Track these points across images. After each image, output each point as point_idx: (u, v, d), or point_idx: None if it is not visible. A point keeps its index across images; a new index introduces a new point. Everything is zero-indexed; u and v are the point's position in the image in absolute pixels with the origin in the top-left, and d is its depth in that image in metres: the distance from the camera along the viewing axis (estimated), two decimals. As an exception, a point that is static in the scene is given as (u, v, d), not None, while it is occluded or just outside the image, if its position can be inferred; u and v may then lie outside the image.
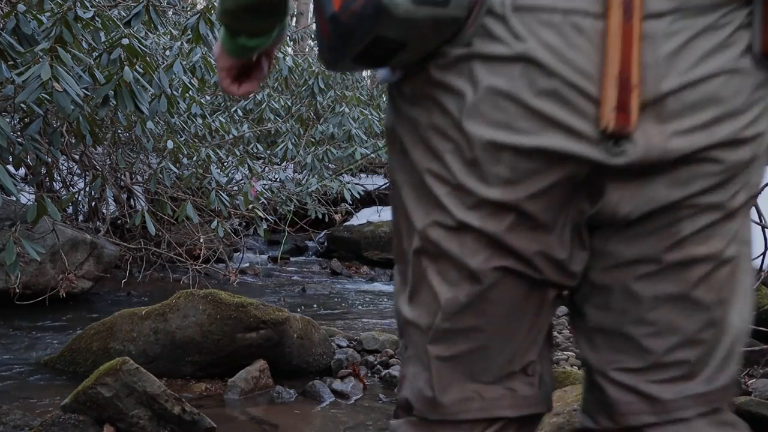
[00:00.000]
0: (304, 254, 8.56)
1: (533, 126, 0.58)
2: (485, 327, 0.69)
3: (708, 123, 0.61)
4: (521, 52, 0.58)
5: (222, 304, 2.69)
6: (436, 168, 0.64)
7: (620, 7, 0.56)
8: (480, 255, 0.64)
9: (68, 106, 2.37)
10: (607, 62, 0.57)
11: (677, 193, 0.63)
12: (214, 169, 4.42)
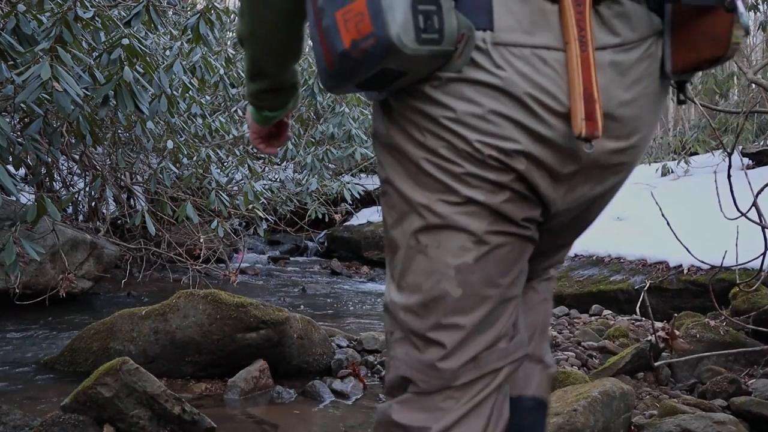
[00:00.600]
0: (304, 254, 8.56)
1: (512, 133, 0.74)
2: (490, 291, 0.81)
3: (629, 133, 0.80)
4: (501, 79, 0.73)
5: (222, 304, 2.69)
6: (435, 159, 0.77)
7: (576, 41, 0.72)
8: (484, 222, 0.78)
9: (68, 106, 2.37)
10: (572, 83, 0.73)
11: (598, 189, 0.85)
12: (214, 169, 4.42)
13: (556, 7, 0.74)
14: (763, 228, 2.26)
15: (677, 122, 15.46)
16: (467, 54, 0.74)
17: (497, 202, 0.77)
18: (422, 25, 0.70)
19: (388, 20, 0.69)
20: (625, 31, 0.77)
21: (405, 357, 0.84)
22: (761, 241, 2.31)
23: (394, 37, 0.69)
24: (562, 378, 2.30)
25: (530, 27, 0.74)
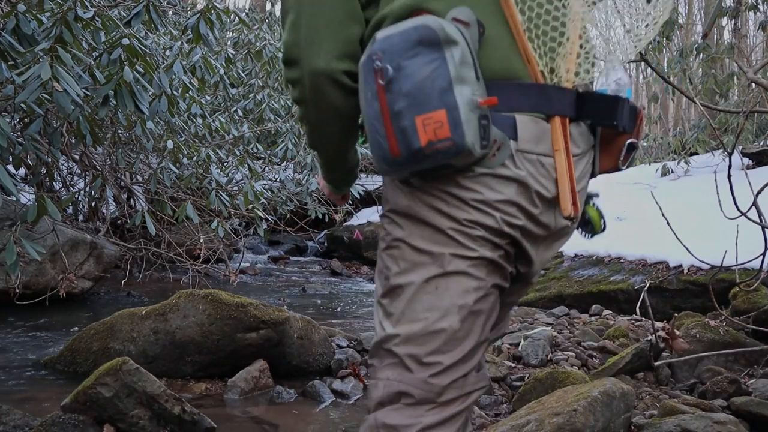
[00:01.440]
0: (304, 254, 8.56)
1: (519, 213, 1.00)
2: (478, 328, 1.03)
3: (577, 213, 1.04)
4: (519, 176, 0.98)
5: (222, 304, 2.69)
6: (458, 227, 0.99)
7: (564, 150, 1.00)
8: (485, 271, 1.01)
9: (68, 106, 2.37)
10: (563, 179, 1.00)
11: (554, 249, 1.14)
12: (214, 169, 4.42)
13: (549, 126, 1.01)
14: (763, 228, 2.26)
15: (677, 122, 15.47)
16: (502, 157, 0.96)
17: (496, 257, 1.01)
18: (482, 134, 0.92)
19: (465, 131, 0.89)
20: (581, 145, 1.07)
21: (399, 377, 1.01)
22: (761, 241, 2.31)
23: (469, 144, 0.90)
24: (562, 378, 2.30)
25: (537, 140, 0.99)
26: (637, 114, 1.08)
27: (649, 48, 6.56)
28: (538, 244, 1.07)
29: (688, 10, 18.09)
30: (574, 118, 1.04)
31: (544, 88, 1.00)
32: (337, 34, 0.99)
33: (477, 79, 0.92)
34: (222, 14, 3.29)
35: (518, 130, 0.97)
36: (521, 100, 0.99)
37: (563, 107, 1.02)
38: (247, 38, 6.21)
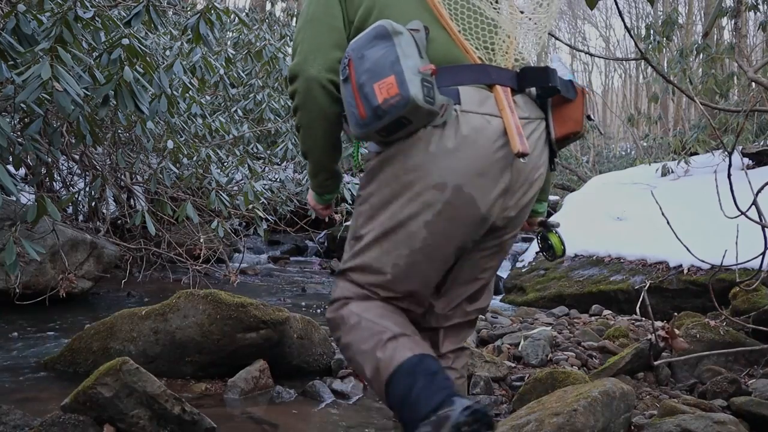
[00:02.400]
0: (304, 254, 8.56)
1: (475, 164, 1.28)
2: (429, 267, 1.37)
3: (536, 162, 1.37)
4: (463, 132, 1.26)
5: (222, 304, 2.68)
6: (405, 190, 1.31)
7: (511, 110, 1.29)
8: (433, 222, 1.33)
9: (68, 106, 2.37)
10: (510, 125, 1.27)
11: (525, 198, 1.39)
12: (214, 169, 4.42)
13: (492, 93, 1.32)
14: (763, 227, 2.26)
15: (677, 122, 15.46)
16: (448, 116, 1.26)
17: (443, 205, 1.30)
18: (426, 93, 1.20)
19: (409, 87, 1.18)
20: (527, 111, 1.36)
21: (349, 286, 1.42)
22: (761, 241, 2.31)
23: (413, 96, 1.18)
24: (562, 378, 2.30)
25: (479, 103, 1.30)
26: (575, 88, 1.41)
27: (650, 47, 6.56)
28: (498, 195, 1.32)
29: (688, 10, 18.08)
30: (516, 89, 1.35)
31: (483, 67, 1.33)
32: (326, 55, 1.36)
33: (421, 57, 1.23)
34: (222, 14, 3.29)
35: (461, 97, 1.28)
36: (463, 75, 1.31)
37: (503, 80, 1.33)
38: (247, 38, 6.21)
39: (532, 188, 1.37)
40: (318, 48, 1.37)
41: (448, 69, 1.29)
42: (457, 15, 1.36)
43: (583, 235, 5.63)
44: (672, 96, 7.91)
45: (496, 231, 1.39)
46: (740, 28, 8.07)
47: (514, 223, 1.40)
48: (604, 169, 16.18)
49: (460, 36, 1.34)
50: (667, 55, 12.56)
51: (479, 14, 1.36)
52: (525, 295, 5.29)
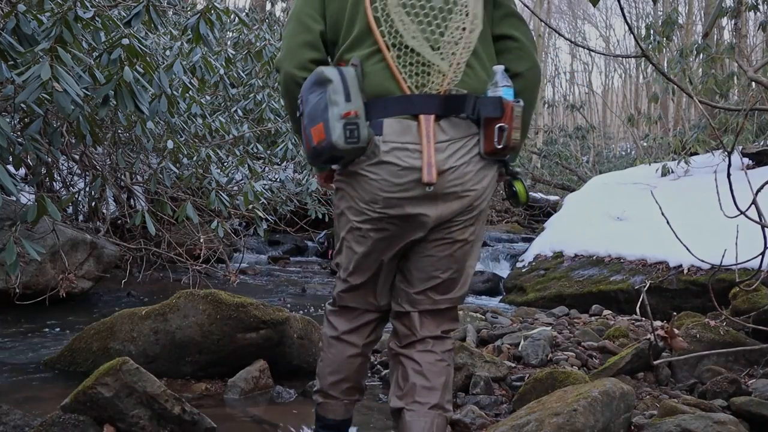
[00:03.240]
0: (304, 254, 8.56)
1: (395, 188, 1.53)
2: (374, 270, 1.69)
3: (458, 180, 1.54)
4: (386, 159, 1.51)
5: (222, 304, 2.68)
6: (354, 204, 1.61)
7: (428, 139, 1.48)
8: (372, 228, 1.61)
9: (68, 106, 2.37)
10: (424, 157, 1.48)
11: (448, 210, 1.58)
12: (214, 169, 4.42)
13: (415, 123, 1.51)
14: (763, 227, 2.26)
15: (677, 122, 15.46)
16: (371, 149, 1.51)
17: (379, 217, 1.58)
18: (348, 135, 1.46)
19: (333, 134, 1.46)
20: (450, 133, 1.53)
21: (335, 289, 1.78)
22: (761, 241, 2.31)
23: (334, 141, 1.46)
24: (562, 378, 2.30)
25: (400, 134, 1.51)
26: (503, 105, 1.52)
27: (650, 47, 6.56)
28: (422, 204, 1.54)
29: (688, 10, 18.08)
30: (441, 114, 1.52)
31: (409, 98, 1.52)
32: (298, 56, 1.60)
33: (347, 101, 1.47)
34: (222, 14, 3.29)
35: (384, 129, 1.51)
36: (391, 108, 1.52)
37: (427, 108, 1.51)
38: (247, 38, 6.21)
39: (463, 197, 1.56)
40: (292, 47, 1.61)
41: (379, 102, 1.52)
42: (394, 44, 1.53)
43: (583, 235, 5.63)
44: (672, 96, 7.91)
45: (435, 229, 1.60)
46: (740, 28, 8.07)
47: (449, 225, 1.60)
48: (604, 169, 16.18)
49: (394, 66, 1.52)
50: (667, 55, 12.56)
51: (415, 43, 1.52)
52: (525, 295, 5.29)
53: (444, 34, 1.53)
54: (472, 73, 1.55)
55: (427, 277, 1.66)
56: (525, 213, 12.81)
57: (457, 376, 2.61)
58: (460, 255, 1.64)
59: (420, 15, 1.52)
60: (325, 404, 1.79)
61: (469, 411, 2.29)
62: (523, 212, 12.83)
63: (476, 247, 1.68)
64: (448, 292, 1.68)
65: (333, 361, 1.75)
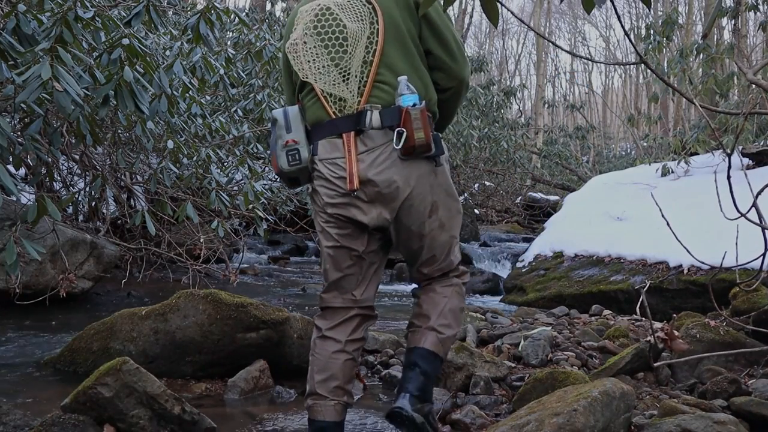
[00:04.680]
0: (304, 254, 8.56)
1: (330, 193, 1.86)
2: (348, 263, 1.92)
3: (385, 184, 1.80)
4: (323, 173, 1.85)
5: (222, 304, 2.68)
6: (318, 211, 1.93)
7: (347, 152, 1.81)
8: (334, 230, 1.90)
9: (68, 106, 2.37)
10: (348, 169, 1.80)
11: (387, 211, 1.84)
12: (214, 169, 4.42)
13: (341, 140, 1.83)
14: (763, 229, 2.26)
15: (677, 122, 15.46)
16: (312, 167, 1.89)
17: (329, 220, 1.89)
18: (290, 160, 1.87)
19: (279, 161, 1.88)
20: (369, 143, 1.81)
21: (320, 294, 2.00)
22: (761, 242, 2.31)
23: (281, 166, 1.88)
24: (562, 378, 2.30)
25: (330, 151, 1.84)
26: (399, 111, 1.78)
27: (649, 48, 6.56)
28: (359, 206, 1.82)
29: (688, 10, 18.09)
30: (358, 130, 1.81)
31: (333, 122, 1.85)
32: (288, 97, 2.07)
33: (288, 131, 1.88)
34: (222, 14, 3.29)
35: (318, 149, 1.87)
36: (322, 131, 1.87)
37: (347, 127, 1.82)
38: (247, 38, 6.20)
39: (397, 196, 1.80)
40: (287, 98, 2.09)
41: (315, 127, 1.88)
42: (320, 80, 1.86)
43: (583, 235, 5.63)
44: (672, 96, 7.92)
45: (390, 228, 1.88)
46: (740, 28, 8.07)
47: (401, 220, 1.85)
48: (604, 169, 16.18)
49: (322, 98, 1.86)
50: (667, 55, 12.56)
51: (333, 77, 1.85)
52: (525, 295, 5.29)
53: (350, 62, 1.84)
54: (383, 86, 1.83)
55: (412, 260, 1.98)
56: (525, 213, 12.81)
57: (457, 376, 2.60)
58: (428, 242, 1.91)
59: (325, 50, 1.86)
60: (314, 406, 1.86)
61: (469, 411, 2.29)
62: (523, 212, 12.83)
63: (441, 231, 1.91)
64: (434, 263, 1.96)
65: (319, 360, 1.88)
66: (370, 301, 1.95)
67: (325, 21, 1.85)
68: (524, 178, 13.92)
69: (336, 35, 1.83)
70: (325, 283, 1.93)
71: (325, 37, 1.84)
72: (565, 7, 32.84)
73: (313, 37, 1.85)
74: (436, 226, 1.89)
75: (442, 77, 1.92)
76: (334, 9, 1.85)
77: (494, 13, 1.24)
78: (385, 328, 3.69)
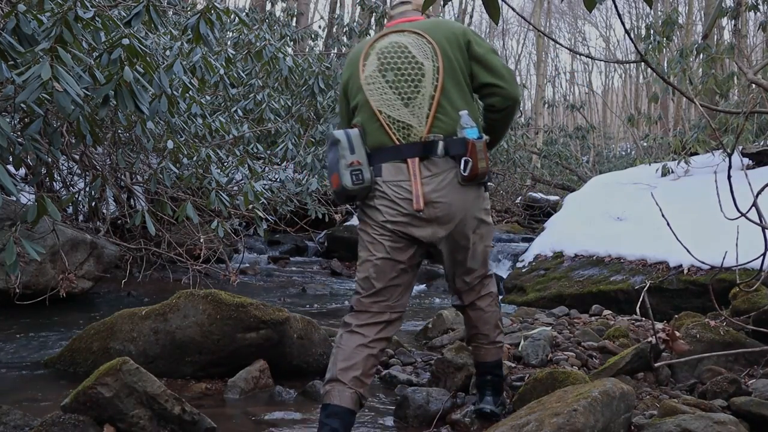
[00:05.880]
0: (304, 254, 8.56)
1: (392, 213, 2.04)
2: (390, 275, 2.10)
3: (443, 207, 2.02)
4: (386, 194, 2.04)
5: (222, 304, 2.68)
6: (371, 226, 2.11)
7: (413, 176, 2.00)
8: (387, 244, 2.09)
9: (68, 106, 2.37)
10: (415, 191, 2.00)
11: (442, 231, 2.07)
12: (214, 169, 4.42)
13: (405, 165, 2.01)
14: (763, 229, 2.26)
15: (677, 122, 15.45)
16: (375, 187, 2.05)
17: (388, 239, 2.06)
18: (354, 179, 2.02)
19: (343, 179, 2.02)
20: (433, 169, 2.01)
21: (353, 297, 2.13)
22: (761, 242, 2.30)
23: (345, 184, 2.02)
24: (562, 378, 2.30)
25: (394, 174, 2.02)
26: (466, 143, 2.00)
27: (649, 48, 6.56)
28: (417, 225, 2.03)
29: (688, 10, 18.08)
30: (422, 156, 2.01)
31: (398, 147, 2.04)
32: (342, 124, 2.30)
33: (352, 153, 2.03)
34: (222, 14, 3.29)
35: (383, 171, 2.04)
36: (386, 155, 2.05)
37: (412, 154, 2.02)
38: (247, 38, 6.21)
39: (454, 217, 2.03)
40: (341, 119, 2.34)
41: (378, 151, 2.06)
42: (385, 108, 2.07)
43: (583, 235, 5.62)
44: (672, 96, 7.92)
45: (439, 242, 2.07)
46: (740, 29, 8.07)
47: (453, 237, 2.08)
48: (604, 169, 16.17)
49: (385, 125, 2.05)
50: (668, 55, 12.56)
51: (401, 108, 2.06)
52: (525, 295, 5.29)
53: (418, 97, 2.04)
54: (444, 118, 2.04)
55: (456, 269, 2.20)
56: (525, 213, 12.80)
57: (457, 376, 2.61)
58: (471, 254, 2.16)
59: (396, 86, 2.06)
60: (332, 390, 1.94)
61: (469, 411, 2.29)
62: (523, 212, 12.83)
63: (481, 244, 2.18)
64: (473, 272, 2.22)
65: (343, 351, 2.00)
66: (402, 307, 2.12)
67: (400, 57, 2.07)
68: (524, 178, 13.91)
69: (409, 71, 2.06)
70: (364, 290, 2.07)
71: (398, 73, 2.06)
72: (565, 7, 32.83)
73: (390, 71, 2.07)
74: (478, 239, 2.15)
75: (498, 101, 2.11)
76: (409, 47, 2.08)
77: (495, 10, 1.24)
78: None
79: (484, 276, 2.28)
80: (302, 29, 11.03)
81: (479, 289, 2.26)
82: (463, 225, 2.06)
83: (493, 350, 2.29)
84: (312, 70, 5.95)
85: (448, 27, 2.12)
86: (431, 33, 2.08)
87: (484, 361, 2.30)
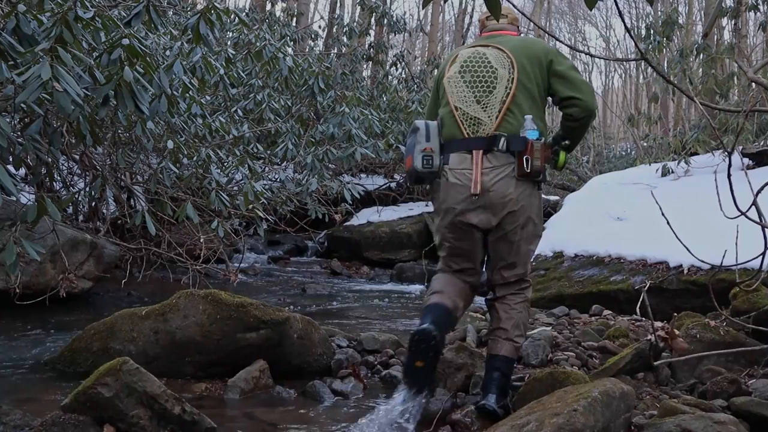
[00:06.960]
0: (304, 254, 8.56)
1: (456, 199, 2.38)
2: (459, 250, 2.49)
3: (499, 195, 2.32)
4: (450, 179, 2.39)
5: (222, 304, 2.68)
6: (438, 210, 2.49)
7: (476, 166, 2.33)
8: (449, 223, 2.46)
9: (68, 106, 2.37)
10: (475, 178, 2.32)
11: (495, 218, 2.37)
12: (214, 169, 4.42)
13: (470, 156, 2.34)
14: (763, 227, 2.26)
15: (677, 122, 15.45)
16: (443, 171, 2.40)
17: (453, 220, 2.39)
18: (424, 163, 2.39)
19: (415, 162, 2.39)
20: (494, 162, 2.32)
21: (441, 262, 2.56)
22: (761, 241, 2.30)
23: (416, 166, 2.40)
24: (562, 378, 2.30)
25: (460, 162, 2.36)
26: (526, 142, 2.28)
27: (649, 48, 6.56)
28: (475, 211, 2.32)
29: (688, 10, 18.08)
30: (486, 149, 2.31)
31: (466, 140, 2.35)
32: (429, 115, 2.65)
33: (427, 140, 2.38)
34: (222, 14, 3.29)
35: (450, 160, 2.37)
36: (455, 146, 2.37)
37: (477, 146, 2.32)
38: (247, 38, 6.21)
39: (506, 206, 2.30)
40: (427, 113, 2.70)
41: (449, 142, 2.39)
42: (457, 107, 2.41)
43: (583, 235, 5.62)
44: (672, 96, 7.92)
45: (491, 231, 2.36)
46: (740, 28, 8.07)
47: (502, 226, 2.34)
48: (604, 169, 16.15)
49: (459, 120, 2.38)
50: (668, 55, 12.55)
51: (474, 106, 2.38)
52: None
53: (490, 98, 2.35)
54: (512, 120, 2.33)
55: (497, 261, 2.43)
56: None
57: (457, 376, 2.61)
58: (515, 248, 2.39)
59: (473, 86, 2.39)
60: (433, 296, 2.40)
61: (469, 411, 2.29)
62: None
63: (526, 243, 2.41)
64: (513, 268, 2.44)
65: (441, 279, 2.45)
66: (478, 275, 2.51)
67: (479, 64, 2.40)
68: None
69: (485, 75, 2.37)
70: (446, 259, 2.49)
71: (475, 76, 2.39)
72: (565, 7, 32.83)
73: (468, 73, 2.40)
74: (524, 237, 2.38)
75: (576, 111, 2.37)
76: (488, 56, 2.40)
77: (496, 9, 1.24)
78: (385, 328, 3.69)
79: (522, 277, 2.47)
80: (302, 29, 11.03)
81: (515, 287, 2.46)
82: (514, 216, 2.31)
83: (508, 345, 2.35)
84: (312, 70, 5.95)
85: (530, 46, 2.42)
86: (513, 50, 2.38)
87: (495, 353, 2.34)
